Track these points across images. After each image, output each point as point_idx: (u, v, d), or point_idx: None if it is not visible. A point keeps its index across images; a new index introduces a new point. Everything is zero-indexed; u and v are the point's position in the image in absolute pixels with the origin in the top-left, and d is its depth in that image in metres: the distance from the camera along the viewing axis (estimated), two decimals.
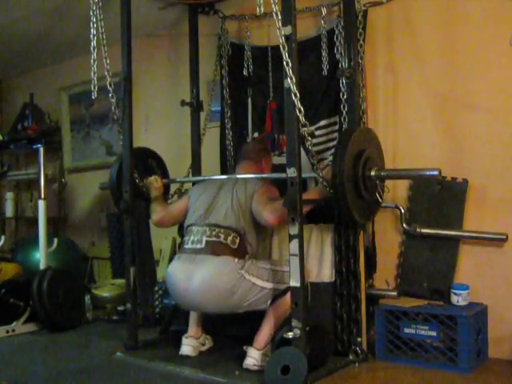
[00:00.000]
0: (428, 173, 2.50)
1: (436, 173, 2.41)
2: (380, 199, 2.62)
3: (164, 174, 3.36)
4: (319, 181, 2.54)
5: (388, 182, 2.98)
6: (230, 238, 2.64)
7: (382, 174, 2.57)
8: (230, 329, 3.09)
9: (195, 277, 2.58)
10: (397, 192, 2.98)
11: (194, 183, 3.20)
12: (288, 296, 2.45)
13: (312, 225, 2.86)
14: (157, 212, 3.04)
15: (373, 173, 2.52)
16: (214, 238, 2.66)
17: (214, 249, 2.63)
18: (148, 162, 3.31)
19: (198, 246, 2.67)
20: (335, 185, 2.40)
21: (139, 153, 3.23)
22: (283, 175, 2.43)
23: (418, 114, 2.95)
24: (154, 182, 3.11)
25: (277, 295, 2.61)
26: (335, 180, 2.39)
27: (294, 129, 2.34)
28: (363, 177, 2.48)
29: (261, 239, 2.80)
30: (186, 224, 2.85)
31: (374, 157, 2.58)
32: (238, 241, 2.65)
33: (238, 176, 2.88)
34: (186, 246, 2.74)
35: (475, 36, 2.78)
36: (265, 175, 2.91)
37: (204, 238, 2.67)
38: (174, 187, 3.42)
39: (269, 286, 2.60)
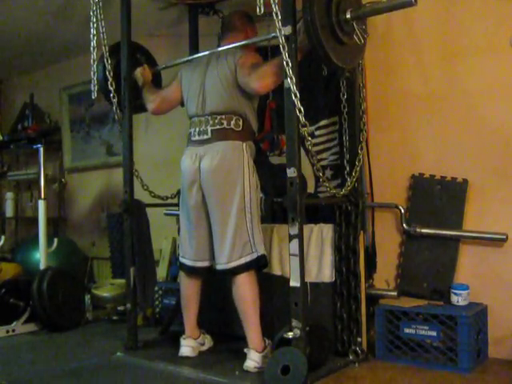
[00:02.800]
0: (403, 1, 2.28)
1: (411, 0, 2.20)
2: (361, 41, 2.44)
3: (152, 65, 3.29)
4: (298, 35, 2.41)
5: (388, 182, 3.00)
6: (233, 122, 2.65)
7: (359, 13, 2.39)
8: (230, 329, 3.09)
9: (207, 158, 2.64)
10: (397, 192, 2.98)
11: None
12: (250, 275, 2.52)
13: (312, 225, 2.86)
14: (150, 100, 3.01)
15: (348, 15, 2.36)
16: (218, 126, 2.67)
17: (221, 135, 2.65)
18: (136, 56, 3.27)
19: (205, 137, 2.69)
20: (310, 36, 2.26)
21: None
22: (270, 36, 2.44)
23: (418, 114, 2.94)
24: (143, 71, 3.09)
25: (244, 267, 2.57)
26: (309, 31, 2.25)
27: (294, 129, 2.35)
28: (338, 21, 2.33)
29: (256, 113, 2.79)
30: (188, 114, 2.85)
31: None
32: (241, 123, 2.67)
33: (222, 48, 2.79)
34: (194, 139, 2.76)
35: (475, 36, 2.78)
36: (250, 41, 2.79)
37: (209, 128, 2.69)
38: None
39: (249, 225, 2.59)
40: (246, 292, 2.58)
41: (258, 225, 2.66)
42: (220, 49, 2.82)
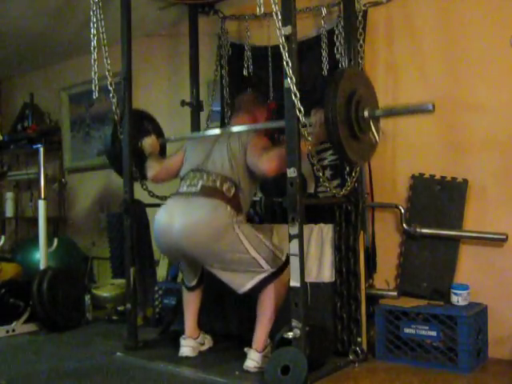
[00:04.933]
0: (422, 107, 2.42)
1: (430, 107, 2.32)
2: (376, 139, 2.53)
3: (159, 134, 3.34)
4: (313, 126, 2.47)
5: (388, 182, 3.00)
6: (225, 186, 2.61)
7: (376, 113, 2.49)
8: (230, 329, 3.09)
9: (183, 214, 2.56)
10: (397, 192, 2.98)
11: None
12: (278, 284, 2.48)
13: (312, 225, 2.86)
14: (152, 167, 3.04)
15: (366, 113, 2.44)
16: (210, 183, 2.63)
17: (209, 192, 2.60)
18: (144, 124, 3.31)
19: (193, 190, 2.65)
20: (329, 130, 2.33)
21: (135, 115, 3.21)
22: (281, 123, 2.44)
23: (418, 114, 2.94)
24: (150, 141, 3.12)
25: (262, 283, 2.57)
26: (329, 124, 2.31)
27: (294, 129, 2.35)
28: (357, 118, 2.40)
29: (252, 198, 2.78)
30: (183, 173, 2.82)
31: (366, 97, 2.50)
32: (233, 191, 2.62)
33: (232, 129, 2.83)
34: (181, 190, 2.71)
35: (475, 36, 2.78)
36: (259, 125, 2.85)
37: (200, 183, 2.65)
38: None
39: (255, 254, 2.55)
40: (265, 300, 2.59)
41: (261, 242, 2.61)
42: (230, 129, 2.85)
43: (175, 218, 2.57)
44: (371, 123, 2.49)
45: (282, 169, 2.46)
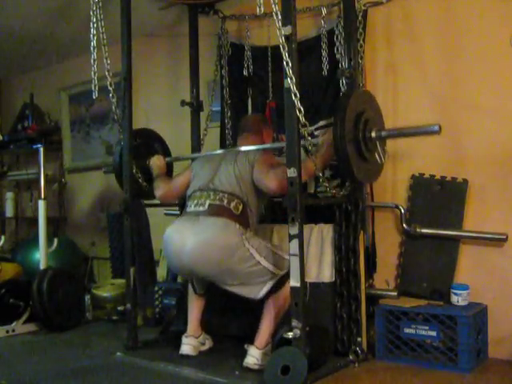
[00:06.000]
0: (428, 129, 2.48)
1: (436, 128, 2.38)
2: (381, 160, 2.60)
3: (166, 154, 3.38)
4: (321, 146, 2.55)
5: (388, 182, 3.00)
6: (233, 204, 2.63)
7: (383, 134, 2.56)
8: (230, 329, 3.09)
9: (194, 234, 2.56)
10: (397, 192, 2.99)
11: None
12: (286, 288, 2.47)
13: (312, 225, 2.86)
14: (160, 187, 3.06)
15: (373, 134, 2.51)
16: (217, 202, 2.64)
17: (216, 211, 2.61)
18: (150, 143, 3.35)
19: (201, 209, 2.65)
20: (337, 148, 2.39)
21: (142, 135, 3.26)
22: (284, 144, 2.46)
23: (418, 114, 2.94)
24: (157, 161, 3.16)
25: (273, 288, 2.59)
26: (337, 143, 2.38)
27: (294, 129, 2.35)
28: (364, 138, 2.47)
29: (259, 215, 2.79)
30: (189, 192, 2.83)
31: (373, 118, 2.56)
32: (241, 208, 2.64)
33: (239, 149, 2.86)
34: (189, 210, 2.73)
35: (475, 36, 2.78)
36: (266, 145, 2.88)
37: (207, 202, 2.66)
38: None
39: (266, 264, 2.58)
40: (271, 305, 2.61)
41: (269, 251, 2.63)
42: (237, 149, 2.88)
43: (186, 239, 2.57)
44: (378, 144, 2.55)
45: (286, 187, 2.45)
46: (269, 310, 2.62)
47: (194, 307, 2.92)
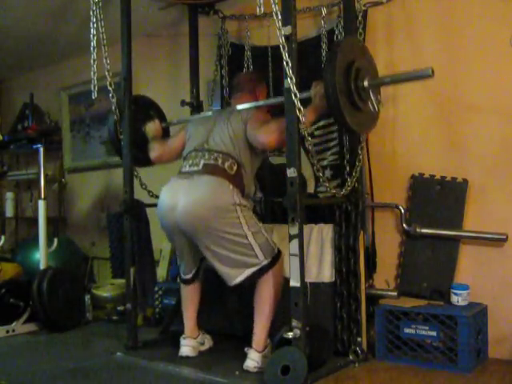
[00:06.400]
0: (421, 73, 2.40)
1: (429, 72, 2.30)
2: (376, 109, 2.52)
3: (162, 119, 3.35)
4: (313, 98, 2.49)
5: (388, 182, 3.00)
6: (227, 164, 2.62)
7: (375, 82, 2.49)
8: (230, 329, 3.09)
9: (187, 193, 2.57)
10: (397, 192, 2.99)
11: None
12: (271, 277, 2.51)
13: (312, 225, 2.86)
14: (154, 149, 3.06)
15: (365, 83, 2.43)
16: (212, 162, 2.64)
17: (211, 170, 2.62)
18: (147, 110, 3.32)
19: (195, 168, 2.66)
20: (329, 99, 2.32)
21: (138, 102, 3.23)
22: (280, 99, 2.44)
23: (418, 114, 2.95)
24: (153, 126, 3.15)
25: (254, 276, 2.56)
26: (328, 94, 2.31)
27: (294, 129, 2.35)
28: (356, 88, 2.39)
29: (254, 175, 2.78)
30: (185, 153, 2.84)
31: (365, 67, 2.48)
32: (235, 168, 2.63)
33: (233, 108, 2.84)
34: (183, 170, 2.73)
35: (475, 36, 2.78)
36: (259, 103, 2.84)
37: (202, 161, 2.66)
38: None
39: (252, 241, 2.55)
40: (261, 294, 2.59)
41: (259, 230, 2.62)
42: (230, 108, 2.86)
43: (179, 198, 2.58)
44: (371, 93, 2.47)
45: (281, 142, 2.49)
46: (259, 305, 2.60)
47: (187, 305, 2.88)
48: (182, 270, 2.88)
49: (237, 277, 2.58)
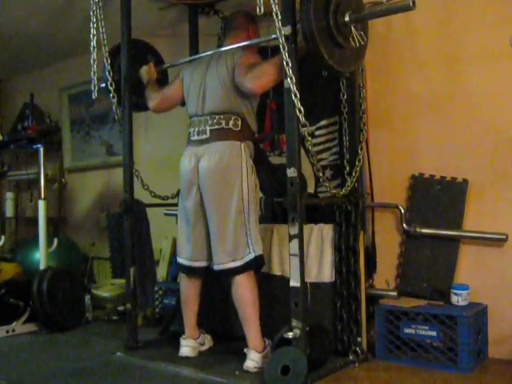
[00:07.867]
0: (402, 5, 2.29)
1: (410, 4, 2.21)
2: (358, 44, 2.40)
3: (159, 62, 3.33)
4: None
5: (388, 182, 3.00)
6: (231, 122, 2.67)
7: (358, 16, 2.36)
8: (230, 329, 3.09)
9: (204, 157, 2.66)
10: (397, 192, 2.98)
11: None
12: (242, 277, 2.56)
13: (312, 225, 2.86)
14: (152, 98, 3.05)
15: (347, 18, 2.32)
16: (216, 126, 2.68)
17: (219, 135, 2.67)
18: (142, 54, 3.30)
19: (204, 137, 2.71)
20: (306, 38, 2.24)
21: (134, 46, 3.19)
22: (271, 36, 2.47)
23: (418, 114, 2.94)
24: (147, 69, 3.13)
25: (237, 270, 2.59)
26: (306, 35, 2.22)
27: (294, 129, 2.35)
28: (336, 23, 2.30)
29: (255, 112, 2.80)
30: (188, 114, 2.88)
31: (346, 0, 2.36)
32: (239, 123, 2.68)
33: (226, 48, 2.81)
34: (193, 138, 2.77)
35: (475, 36, 2.78)
36: (246, 42, 2.80)
37: (207, 128, 2.71)
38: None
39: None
40: (244, 293, 2.59)
41: (257, 224, 2.66)
42: (222, 49, 2.83)
43: (198, 162, 2.68)
44: (353, 28, 2.36)
45: (268, 85, 2.53)
46: (241, 305, 2.60)
47: (188, 304, 2.85)
48: (186, 254, 2.81)
49: (224, 264, 2.62)
